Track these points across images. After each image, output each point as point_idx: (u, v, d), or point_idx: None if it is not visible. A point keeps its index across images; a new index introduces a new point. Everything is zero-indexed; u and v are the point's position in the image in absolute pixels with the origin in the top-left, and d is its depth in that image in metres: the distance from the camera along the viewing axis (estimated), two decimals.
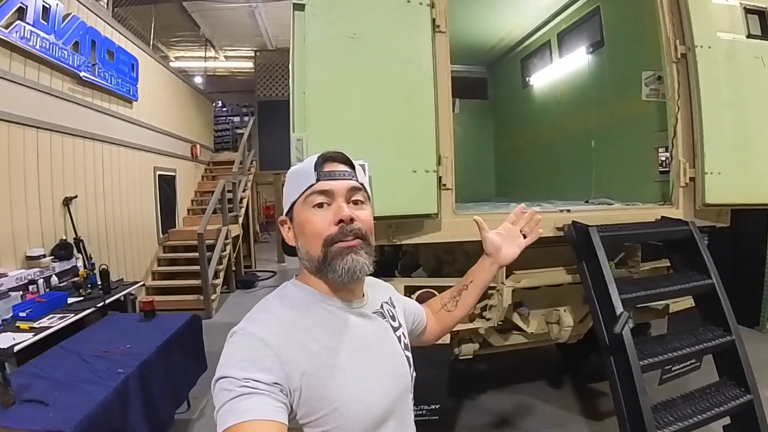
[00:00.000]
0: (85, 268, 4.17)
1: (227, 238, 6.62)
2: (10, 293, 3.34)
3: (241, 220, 7.61)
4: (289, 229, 0.86)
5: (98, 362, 2.37)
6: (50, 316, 3.17)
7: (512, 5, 3.83)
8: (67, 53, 4.38)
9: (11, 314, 3.10)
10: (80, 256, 4.38)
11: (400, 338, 0.92)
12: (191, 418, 3.04)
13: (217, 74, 11.52)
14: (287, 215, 0.86)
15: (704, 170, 2.40)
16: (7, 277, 3.48)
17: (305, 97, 1.66)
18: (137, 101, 5.90)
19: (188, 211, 7.78)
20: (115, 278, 4.64)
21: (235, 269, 7.24)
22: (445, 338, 2.19)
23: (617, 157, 3.35)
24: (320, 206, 0.80)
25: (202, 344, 3.24)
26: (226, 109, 12.34)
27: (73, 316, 3.23)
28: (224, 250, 6.51)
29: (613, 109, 3.40)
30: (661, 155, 2.85)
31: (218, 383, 0.68)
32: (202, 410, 3.13)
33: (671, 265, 2.52)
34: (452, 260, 2.84)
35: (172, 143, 7.21)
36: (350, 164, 0.84)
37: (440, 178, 1.90)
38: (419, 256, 3.42)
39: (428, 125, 1.83)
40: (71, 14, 4.44)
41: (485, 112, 5.76)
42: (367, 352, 0.81)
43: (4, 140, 3.70)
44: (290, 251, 0.86)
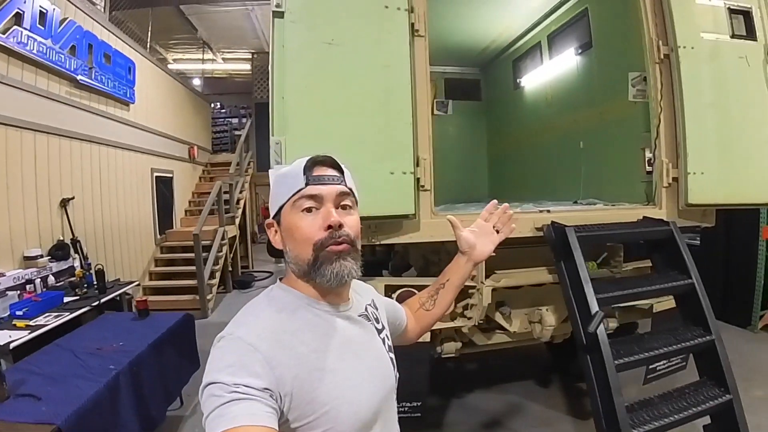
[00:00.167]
0: (81, 268, 4.24)
1: (224, 238, 6.69)
2: (7, 292, 3.42)
3: (238, 221, 7.67)
4: (276, 232, 0.85)
5: (91, 359, 2.42)
6: (46, 314, 3.24)
7: (503, 7, 3.83)
8: (64, 57, 4.45)
9: (8, 313, 3.17)
10: (77, 256, 4.45)
11: (384, 340, 0.92)
12: (184, 414, 3.10)
13: (215, 76, 11.60)
14: (274, 218, 0.85)
15: (687, 170, 2.39)
16: (4, 276, 3.56)
17: (284, 101, 1.71)
18: (134, 104, 5.98)
19: (186, 212, 7.85)
20: (112, 278, 4.71)
21: (231, 269, 7.30)
22: (425, 336, 2.21)
23: (605, 157, 3.35)
24: (309, 211, 0.80)
25: (194, 342, 3.29)
26: (224, 110, 12.38)
27: (68, 314, 3.30)
28: (220, 250, 6.57)
29: (601, 110, 3.40)
30: (647, 155, 2.83)
31: (207, 389, 0.66)
32: (194, 407, 3.17)
33: (652, 264, 2.52)
34: (438, 260, 2.88)
35: (169, 145, 7.28)
36: (339, 168, 0.85)
37: (418, 179, 1.94)
38: (409, 256, 3.46)
39: (405, 128, 1.87)
40: (68, 19, 4.52)
41: (479, 113, 5.75)
42: (354, 355, 0.82)
43: (2, 143, 3.78)
44: (275, 253, 0.82)
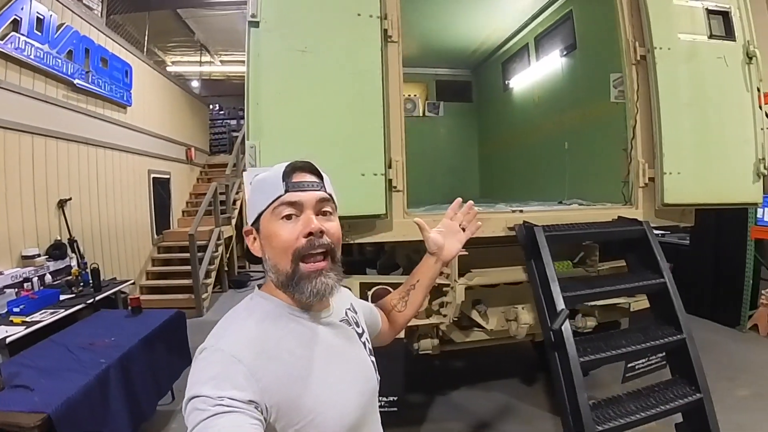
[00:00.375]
0: (78, 267, 4.35)
1: (219, 238, 6.79)
2: (5, 290, 3.56)
3: (234, 221, 7.77)
4: (255, 239, 0.83)
5: (83, 353, 2.53)
6: (42, 311, 3.35)
7: (491, 9, 3.88)
8: (61, 62, 4.56)
9: (6, 309, 3.29)
10: (74, 255, 4.56)
11: (365, 344, 0.93)
12: (175, 409, 3.18)
13: (213, 78, 11.71)
14: (253, 225, 0.83)
15: (663, 170, 2.41)
16: (3, 275, 3.68)
17: (259, 107, 1.80)
18: (131, 106, 6.09)
19: (183, 212, 7.96)
20: (109, 277, 4.83)
21: (228, 269, 7.40)
22: (399, 333, 2.35)
23: (589, 158, 3.38)
24: (288, 218, 0.78)
25: (186, 339, 3.39)
26: (222, 112, 12.49)
27: (63, 311, 3.41)
28: (216, 250, 6.68)
29: (584, 111, 3.44)
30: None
31: (191, 403, 0.65)
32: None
33: (627, 264, 2.53)
34: (419, 259, 2.96)
35: (166, 146, 7.40)
36: (318, 174, 0.83)
37: (390, 180, 2.02)
38: (396, 256, 3.55)
39: (377, 131, 1.93)
40: (65, 24, 4.63)
41: (470, 114, 5.80)
42: (337, 361, 0.82)
43: (0, 146, 3.89)
44: (254, 259, 0.85)
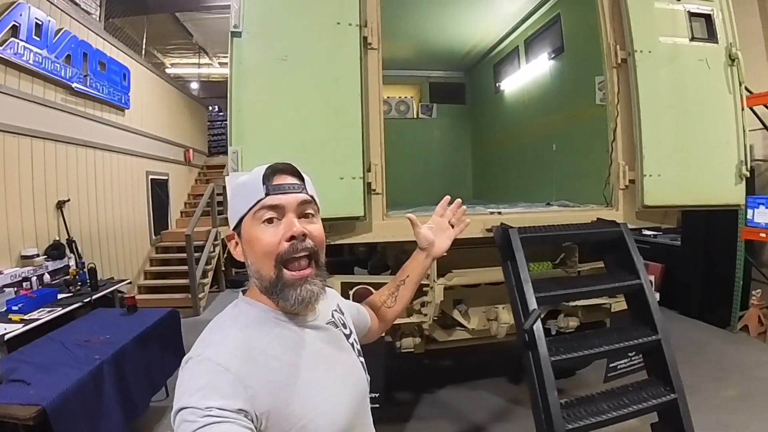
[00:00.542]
0: (76, 267, 4.45)
1: (216, 239, 6.88)
2: (4, 289, 3.66)
3: None
4: (237, 244, 0.82)
5: (78, 350, 2.63)
6: (40, 309, 3.46)
7: (482, 12, 3.93)
8: (59, 66, 4.66)
9: (5, 308, 3.38)
10: (72, 255, 4.66)
11: (353, 345, 0.92)
12: (168, 405, 3.22)
13: (211, 80, 11.82)
14: (234, 230, 0.81)
15: (643, 173, 2.42)
16: (2, 274, 3.78)
17: (241, 113, 1.88)
18: (129, 109, 6.19)
19: (181, 213, 8.06)
20: (107, 277, 4.93)
21: (225, 269, 7.49)
22: None
23: (575, 160, 3.43)
24: (270, 221, 0.77)
25: (180, 336, 3.48)
26: (221, 113, 12.57)
27: (60, 310, 3.52)
28: (213, 250, 6.79)
29: (571, 113, 3.49)
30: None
31: (180, 414, 0.64)
32: None
33: (605, 265, 2.58)
34: (405, 259, 3.03)
35: (164, 148, 7.50)
36: (299, 176, 0.82)
37: (369, 184, 2.09)
38: (387, 256, 3.62)
39: (355, 136, 1.99)
40: (63, 29, 4.72)
41: (463, 116, 5.86)
42: (326, 364, 0.81)
43: (0, 149, 3.99)
44: (238, 264, 0.85)
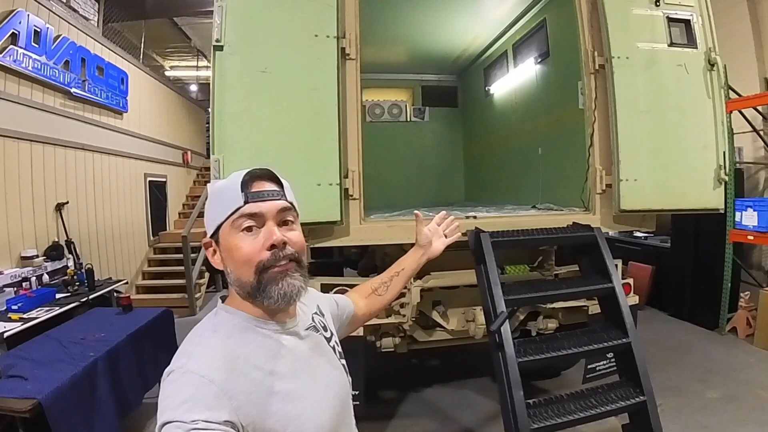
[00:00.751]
0: (74, 267, 4.57)
1: None
2: (4, 289, 3.79)
3: None
4: (215, 252, 0.80)
5: (74, 347, 2.75)
6: (39, 309, 3.58)
7: (471, 16, 3.98)
8: (58, 72, 4.78)
9: (5, 307, 3.50)
10: (71, 256, 4.78)
11: (334, 348, 0.92)
12: None
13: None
14: (212, 237, 0.80)
15: (620, 177, 2.46)
16: (2, 274, 3.90)
17: (222, 123, 1.98)
18: (127, 112, 6.31)
19: (179, 214, 8.17)
20: (105, 277, 5.05)
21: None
22: (359, 330, 2.43)
23: (560, 163, 3.48)
24: (249, 230, 0.76)
25: (173, 335, 3.60)
26: None
27: (58, 309, 3.64)
28: None
29: (557, 117, 3.55)
30: None
31: (164, 429, 0.63)
32: None
33: (579, 269, 2.60)
34: (391, 262, 3.12)
35: (162, 151, 7.62)
36: (278, 182, 0.81)
37: (346, 189, 2.19)
38: (376, 258, 3.63)
39: (332, 144, 2.07)
40: (61, 36, 4.84)
41: (455, 119, 5.94)
42: (308, 371, 0.80)
43: (0, 153, 4.11)
44: (216, 270, 0.86)
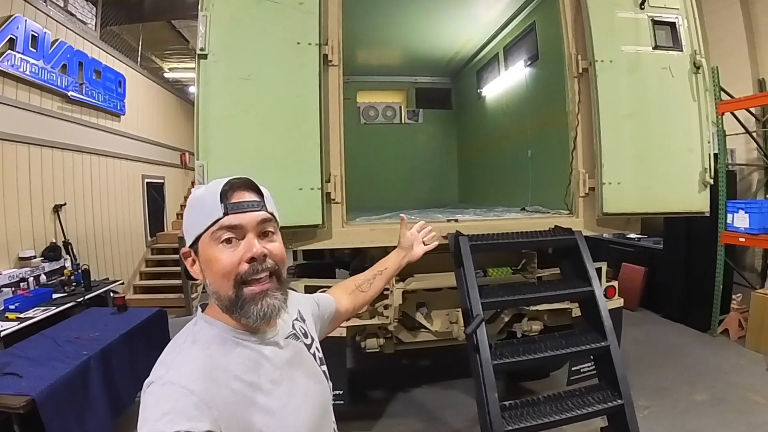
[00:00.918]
0: (71, 268, 4.65)
1: None
2: (2, 289, 3.88)
3: None
4: (194, 262, 0.79)
5: (69, 346, 2.83)
6: (35, 308, 3.66)
7: (463, 20, 4.03)
8: (55, 76, 4.86)
9: (2, 307, 3.58)
10: (68, 257, 4.86)
11: (314, 354, 0.92)
12: None
13: None
14: (191, 247, 0.79)
15: (602, 181, 2.49)
16: (0, 275, 3.98)
17: (207, 130, 2.04)
18: (125, 115, 6.39)
19: (177, 215, 8.23)
20: (102, 277, 5.14)
21: None
22: (341, 332, 2.55)
23: (549, 165, 3.50)
24: (229, 242, 0.75)
25: (167, 334, 3.67)
26: None
27: (54, 309, 3.72)
28: None
29: (545, 119, 3.58)
30: None
31: None
32: None
33: (560, 272, 2.64)
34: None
35: (160, 152, 7.70)
36: (258, 191, 0.80)
37: (328, 193, 2.25)
38: (367, 259, 3.76)
39: (313, 150, 2.13)
40: (59, 40, 4.92)
41: (449, 121, 5.98)
42: (288, 381, 0.80)
43: None
44: (193, 279, 0.84)
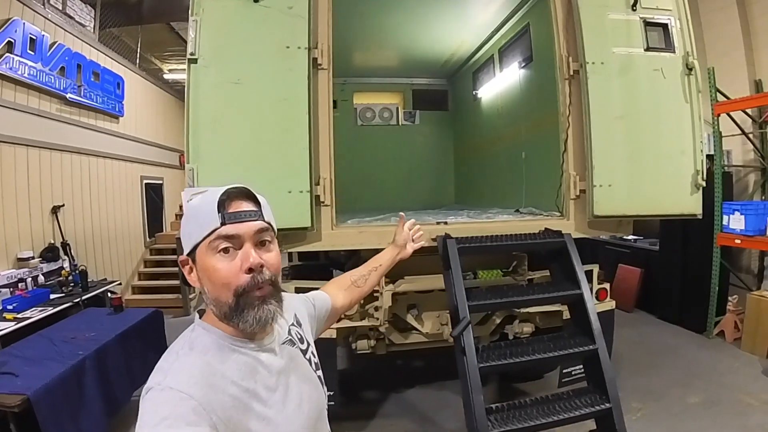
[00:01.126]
0: (70, 269, 4.69)
1: None
2: (1, 290, 3.90)
3: None
4: (191, 270, 0.81)
5: (65, 346, 2.87)
6: (33, 309, 3.70)
7: (458, 22, 4.03)
8: (53, 78, 4.89)
9: (0, 307, 3.62)
10: (66, 258, 4.90)
11: (310, 360, 0.93)
12: None
13: None
14: (189, 255, 0.80)
15: (593, 183, 2.49)
16: None
17: (197, 134, 2.07)
18: (123, 116, 6.42)
19: (176, 216, 8.26)
20: (100, 278, 5.17)
21: None
22: (331, 333, 2.59)
23: (543, 167, 3.51)
24: (226, 251, 0.76)
25: (163, 335, 3.71)
26: None
27: (52, 309, 3.76)
28: None
29: (539, 121, 3.59)
30: None
31: None
32: None
33: (550, 274, 2.65)
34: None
35: (159, 153, 7.74)
36: (256, 201, 0.81)
37: (318, 196, 2.27)
38: (361, 261, 3.78)
39: (302, 153, 2.13)
40: (57, 42, 4.95)
41: (446, 122, 6.02)
42: (284, 387, 0.82)
43: None
44: (189, 285, 0.86)
